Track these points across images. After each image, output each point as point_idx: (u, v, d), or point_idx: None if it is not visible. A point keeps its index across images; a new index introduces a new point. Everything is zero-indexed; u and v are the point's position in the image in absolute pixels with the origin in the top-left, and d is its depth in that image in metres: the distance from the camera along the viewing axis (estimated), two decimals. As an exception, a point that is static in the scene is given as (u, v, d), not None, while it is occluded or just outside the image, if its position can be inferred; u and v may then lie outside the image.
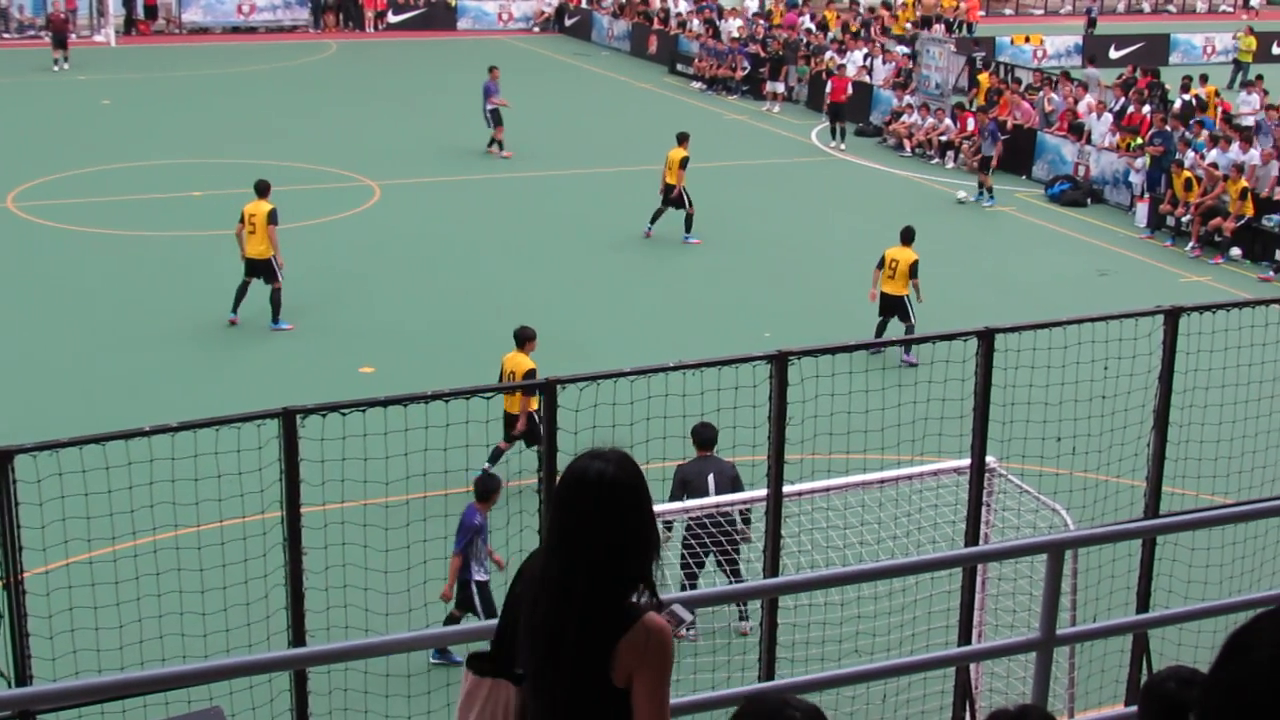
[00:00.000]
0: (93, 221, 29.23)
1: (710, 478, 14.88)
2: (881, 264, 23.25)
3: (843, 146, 38.98)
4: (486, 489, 13.62)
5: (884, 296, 23.09)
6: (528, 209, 31.49)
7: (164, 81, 45.88)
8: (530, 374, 17.00)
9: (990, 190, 33.69)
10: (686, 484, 14.83)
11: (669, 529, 14.52)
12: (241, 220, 23.01)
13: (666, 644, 4.70)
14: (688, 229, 28.97)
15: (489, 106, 36.38)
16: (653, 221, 29.11)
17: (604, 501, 4.74)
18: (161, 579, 10.45)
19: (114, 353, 22.21)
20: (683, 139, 29.14)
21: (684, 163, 28.83)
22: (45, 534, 9.78)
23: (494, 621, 5.42)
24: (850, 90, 40.46)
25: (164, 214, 29.95)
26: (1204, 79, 40.12)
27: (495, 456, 17.28)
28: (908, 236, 23.59)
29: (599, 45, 56.43)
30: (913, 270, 22.92)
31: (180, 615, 10.75)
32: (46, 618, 9.93)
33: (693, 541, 13.97)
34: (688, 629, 5.22)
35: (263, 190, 23.27)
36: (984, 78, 41.34)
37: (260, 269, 22.91)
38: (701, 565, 14.22)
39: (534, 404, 16.99)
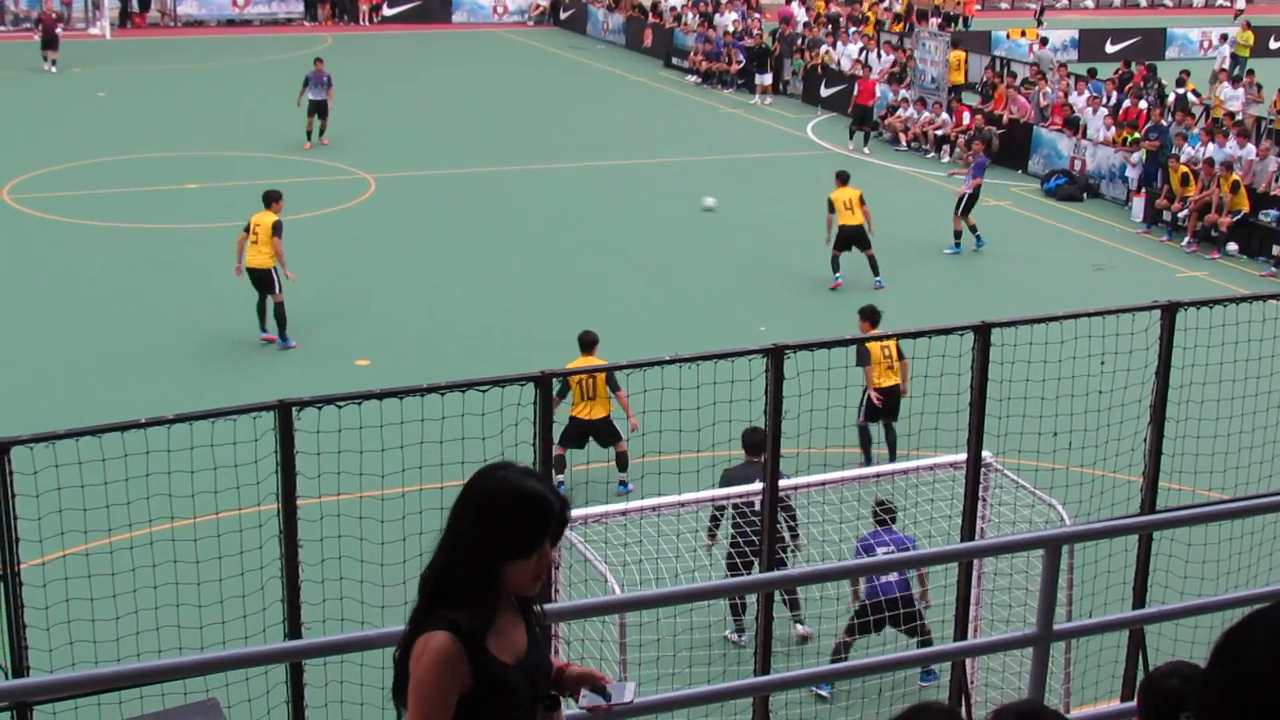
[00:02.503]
0: (88, 214, 29.19)
1: (757, 484, 14.80)
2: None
3: (866, 150, 38.44)
4: None
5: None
6: (522, 202, 31.47)
7: (159, 74, 45.83)
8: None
9: (958, 235, 29.08)
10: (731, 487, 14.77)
11: (715, 525, 14.47)
12: (247, 230, 22.25)
13: (428, 663, 4.66)
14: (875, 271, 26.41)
15: (310, 96, 35.62)
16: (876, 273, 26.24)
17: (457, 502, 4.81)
18: (158, 571, 10.42)
19: (109, 345, 22.18)
20: (844, 178, 26.29)
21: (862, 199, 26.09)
22: (42, 526, 9.77)
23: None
24: (878, 94, 40.14)
25: (159, 206, 29.92)
26: (1186, 74, 40.01)
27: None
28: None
29: (594, 39, 56.40)
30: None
31: (176, 607, 10.74)
32: (43, 609, 9.92)
33: (740, 541, 13.81)
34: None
35: (269, 200, 22.46)
36: (954, 55, 41.27)
37: (260, 280, 22.05)
38: (750, 566, 14.06)
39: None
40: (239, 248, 22.29)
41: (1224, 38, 49.80)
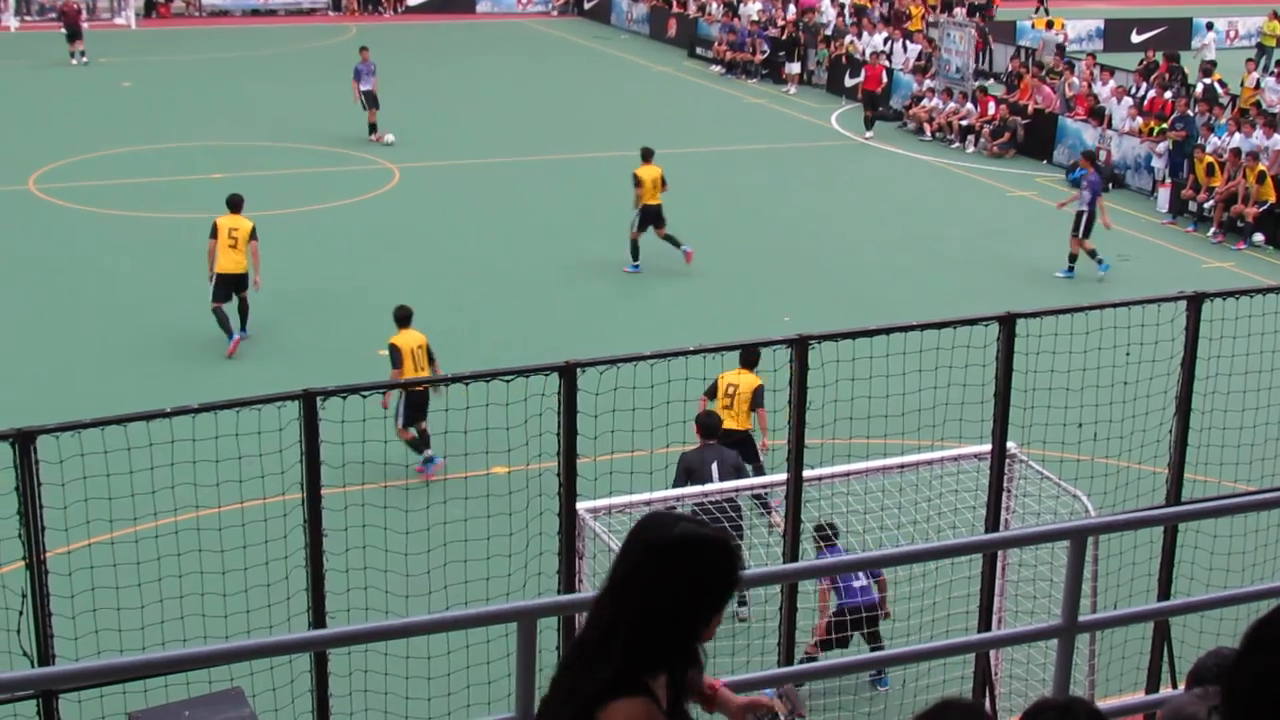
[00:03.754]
0: (114, 203, 29.28)
1: (714, 466, 14.82)
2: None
3: (869, 134, 38.69)
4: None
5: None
6: (545, 192, 31.47)
7: (184, 64, 45.93)
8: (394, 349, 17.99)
9: (1072, 259, 27.11)
10: (690, 472, 14.76)
11: None
12: (214, 235, 21.70)
13: None
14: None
15: (364, 88, 35.30)
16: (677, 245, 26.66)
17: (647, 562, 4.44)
18: (183, 560, 10.47)
19: (134, 334, 22.24)
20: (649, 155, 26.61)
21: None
22: (67, 514, 9.82)
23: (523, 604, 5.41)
24: (885, 79, 40.24)
25: (185, 196, 29.98)
26: (1212, 64, 39.82)
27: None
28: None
29: (618, 29, 56.34)
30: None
31: (201, 596, 10.77)
32: (69, 598, 9.96)
33: None
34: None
35: (236, 205, 22.14)
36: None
37: (238, 284, 21.73)
38: None
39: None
40: (209, 255, 21.73)
41: (1209, 24, 49.68)
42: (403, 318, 18.44)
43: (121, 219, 28.38)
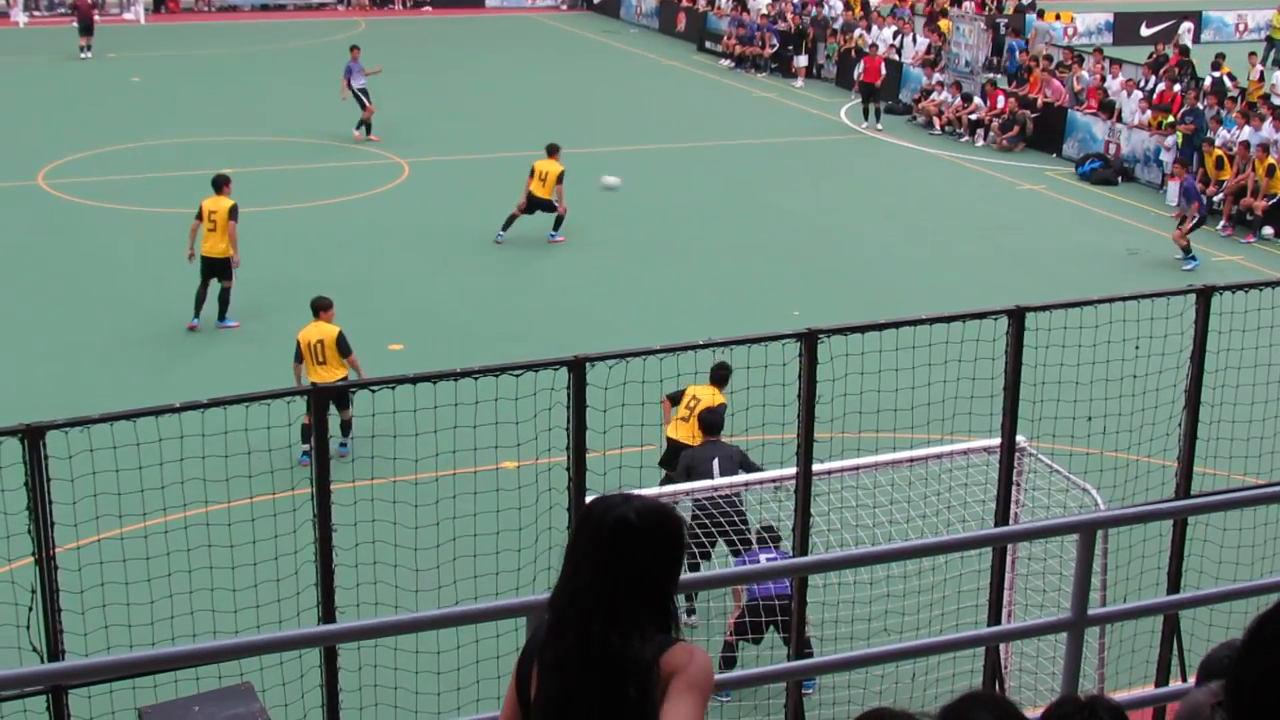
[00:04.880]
0: (123, 199, 29.31)
1: (715, 462, 14.82)
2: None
3: (879, 126, 38.58)
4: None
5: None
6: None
7: (193, 59, 45.97)
8: (340, 339, 18.23)
9: (1187, 250, 27.38)
10: (691, 470, 14.76)
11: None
12: (200, 216, 22.32)
13: (708, 666, 4.70)
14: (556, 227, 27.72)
15: (356, 86, 34.98)
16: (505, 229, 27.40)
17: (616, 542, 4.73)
18: (192, 555, 10.47)
19: (144, 329, 22.27)
20: (554, 151, 27.56)
21: (560, 177, 27.25)
22: (76, 510, 9.81)
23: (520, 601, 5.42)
24: (884, 71, 40.13)
25: (193, 191, 29.92)
26: (1221, 58, 39.73)
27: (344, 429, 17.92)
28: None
29: (627, 23, 56.32)
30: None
31: (210, 591, 10.79)
32: (78, 593, 9.97)
33: (698, 529, 13.90)
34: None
35: (219, 185, 22.44)
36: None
37: (218, 268, 22.12)
38: (709, 547, 14.14)
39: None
40: (191, 234, 22.42)
41: (1185, 16, 49.80)
42: (314, 308, 18.70)
43: (131, 214, 28.41)
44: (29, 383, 19.90)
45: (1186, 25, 49.36)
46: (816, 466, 11.27)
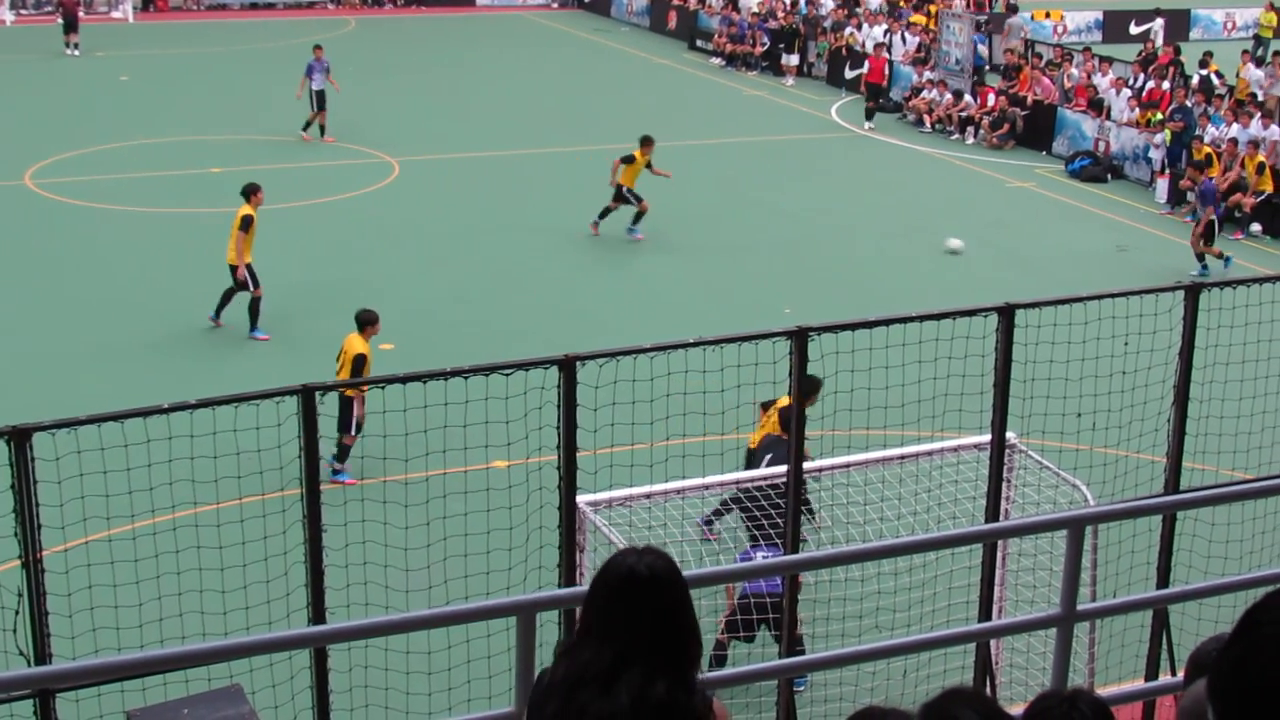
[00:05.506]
0: (111, 198, 29.25)
1: (767, 457, 14.89)
2: (631, 160, 27.40)
3: (869, 125, 38.66)
4: None
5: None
6: (546, 186, 31.45)
7: (182, 58, 45.91)
8: (360, 359, 17.56)
9: (1207, 258, 26.88)
10: (750, 456, 15.02)
11: (718, 518, 14.68)
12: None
13: None
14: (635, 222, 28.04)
15: (315, 86, 34.49)
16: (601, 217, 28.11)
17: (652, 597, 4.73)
18: (180, 557, 10.45)
19: (132, 330, 22.23)
20: (647, 143, 27.97)
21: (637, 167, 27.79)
22: (64, 512, 9.79)
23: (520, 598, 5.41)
24: (888, 71, 40.38)
25: (182, 190, 29.97)
26: (1209, 56, 39.76)
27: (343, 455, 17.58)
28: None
29: (618, 21, 56.32)
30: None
31: (199, 593, 10.76)
32: (65, 596, 9.94)
33: (750, 526, 13.97)
34: None
35: (245, 194, 22.40)
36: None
37: (232, 275, 22.13)
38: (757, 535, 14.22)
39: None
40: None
41: (1156, 11, 49.61)
42: (356, 320, 18.40)
43: (119, 214, 28.35)
44: (15, 384, 19.85)
45: (1159, 22, 49.44)
46: (807, 464, 11.27)
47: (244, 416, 9.67)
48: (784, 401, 16.27)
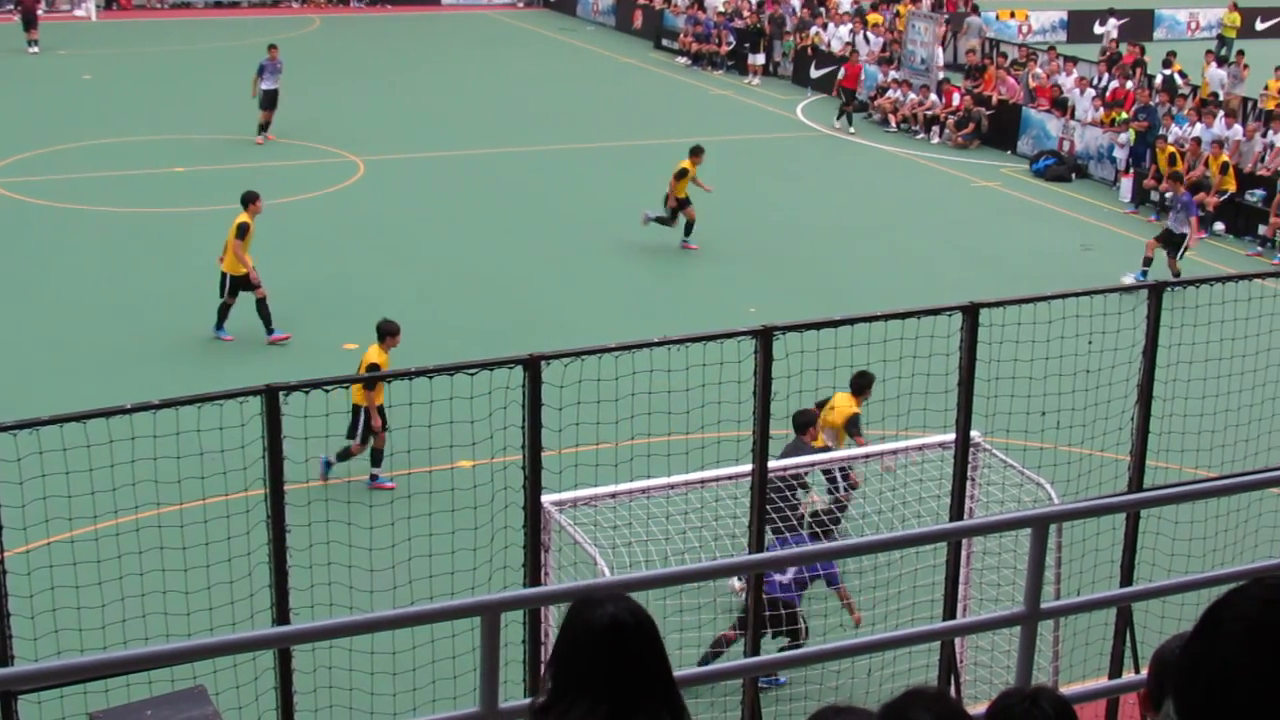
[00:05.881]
0: (74, 198, 29.09)
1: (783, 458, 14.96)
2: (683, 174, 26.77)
3: (852, 130, 38.45)
4: None
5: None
6: (512, 185, 31.41)
7: (146, 56, 45.68)
8: (373, 368, 16.91)
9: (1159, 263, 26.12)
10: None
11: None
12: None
13: None
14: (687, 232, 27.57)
15: (265, 86, 33.78)
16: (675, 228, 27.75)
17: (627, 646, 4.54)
18: (144, 558, 10.40)
19: (96, 331, 22.11)
20: (696, 153, 27.51)
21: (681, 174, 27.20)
22: (26, 513, 9.74)
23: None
24: (863, 77, 40.51)
25: (146, 190, 29.83)
26: (1172, 55, 39.92)
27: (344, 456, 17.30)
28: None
29: (584, 20, 56.27)
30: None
31: (163, 594, 10.71)
32: (28, 597, 9.89)
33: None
34: None
35: (243, 201, 21.93)
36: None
37: (237, 284, 21.58)
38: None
39: (375, 399, 17.07)
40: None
41: (1110, 10, 49.85)
42: (376, 330, 17.87)
43: (83, 214, 28.20)
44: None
45: (1113, 23, 49.71)
46: (772, 463, 11.28)
47: (207, 417, 9.63)
48: (841, 406, 16.20)
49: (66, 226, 27.48)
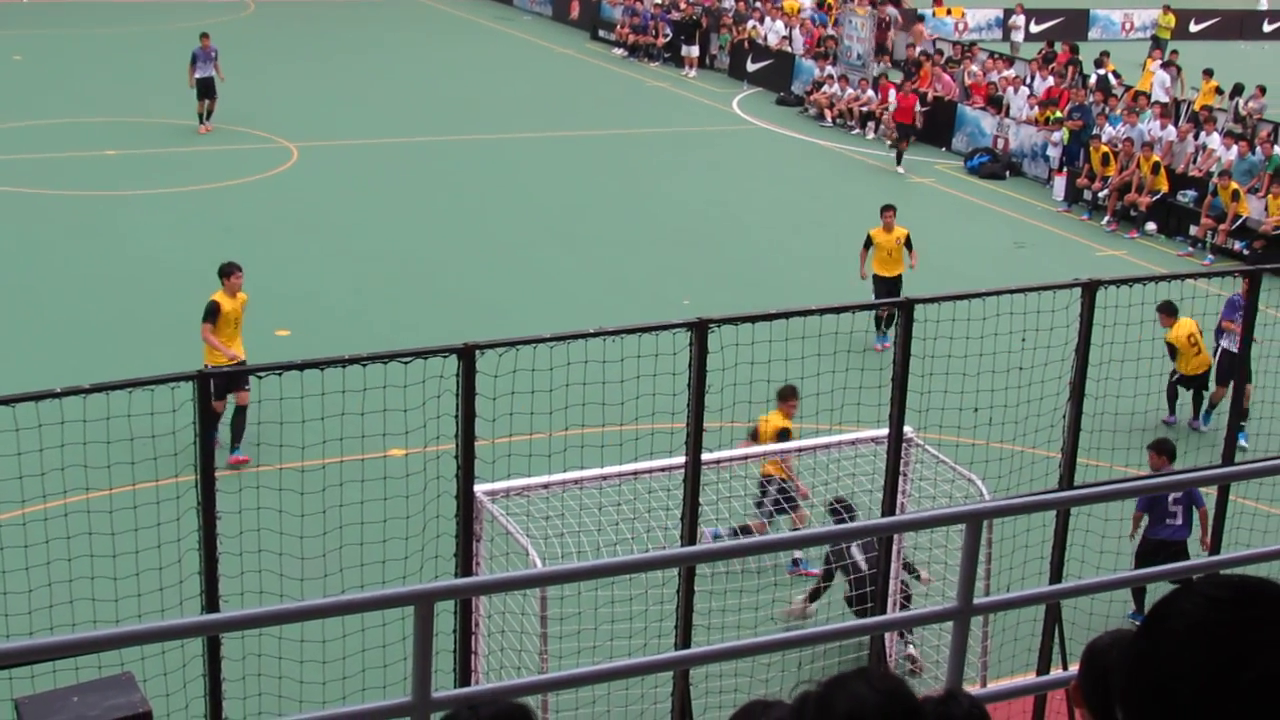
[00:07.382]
0: (3, 180, 28.75)
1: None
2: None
3: (900, 170, 34.10)
4: None
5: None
6: (447, 174, 31.29)
7: (79, 38, 45.20)
8: (783, 434, 15.56)
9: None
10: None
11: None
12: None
13: None
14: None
15: (199, 75, 33.14)
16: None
17: None
18: (72, 543, 10.30)
19: (24, 314, 21.87)
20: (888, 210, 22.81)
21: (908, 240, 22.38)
22: (-49, 497, 9.62)
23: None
24: (919, 108, 35.76)
25: (77, 173, 29.52)
26: (1106, 55, 40.19)
27: None
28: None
29: (520, 9, 56.09)
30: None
31: (91, 580, 10.61)
32: (-48, 582, 9.78)
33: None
34: None
35: (220, 275, 18.23)
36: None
37: (220, 384, 16.30)
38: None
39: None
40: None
41: (1019, 5, 50.24)
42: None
43: (12, 195, 27.87)
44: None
45: (1016, 19, 50.18)
46: (705, 455, 11.29)
47: (138, 402, 9.54)
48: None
49: (-5, 208, 27.15)
